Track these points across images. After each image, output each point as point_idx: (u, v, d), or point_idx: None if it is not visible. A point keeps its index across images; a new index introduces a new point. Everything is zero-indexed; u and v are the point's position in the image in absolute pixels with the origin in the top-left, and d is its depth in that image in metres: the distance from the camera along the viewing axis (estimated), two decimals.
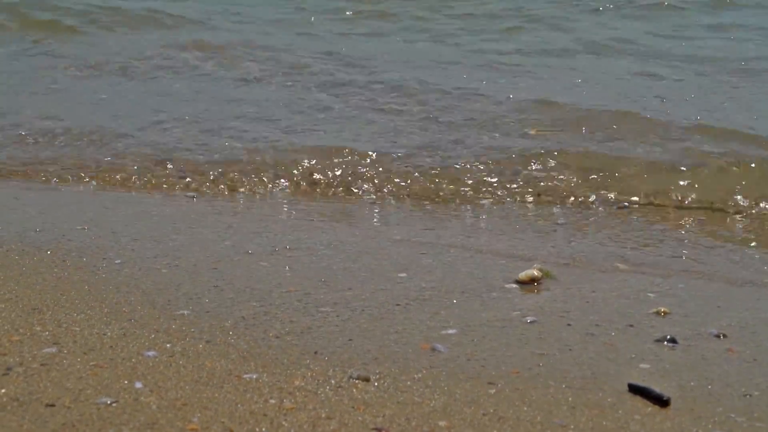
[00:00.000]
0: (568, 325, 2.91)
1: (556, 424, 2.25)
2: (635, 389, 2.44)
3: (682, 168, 4.98)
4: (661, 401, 2.37)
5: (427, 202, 4.68)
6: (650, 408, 2.36)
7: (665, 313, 3.02)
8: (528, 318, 2.94)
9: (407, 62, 7.52)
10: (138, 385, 2.36)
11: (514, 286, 3.25)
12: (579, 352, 2.70)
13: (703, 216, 4.51)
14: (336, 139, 5.41)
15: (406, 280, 3.27)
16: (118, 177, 4.92)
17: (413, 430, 2.20)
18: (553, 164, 5.01)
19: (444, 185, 4.83)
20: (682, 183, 4.82)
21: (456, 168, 4.97)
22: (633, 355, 2.68)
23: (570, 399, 2.39)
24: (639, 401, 2.39)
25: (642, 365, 2.62)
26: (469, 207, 4.63)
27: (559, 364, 2.60)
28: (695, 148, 5.29)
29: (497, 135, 5.55)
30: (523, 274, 3.28)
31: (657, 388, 2.42)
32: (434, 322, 2.88)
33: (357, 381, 2.44)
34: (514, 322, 2.91)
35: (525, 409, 2.32)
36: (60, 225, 3.72)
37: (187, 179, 4.88)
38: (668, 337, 2.79)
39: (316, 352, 2.61)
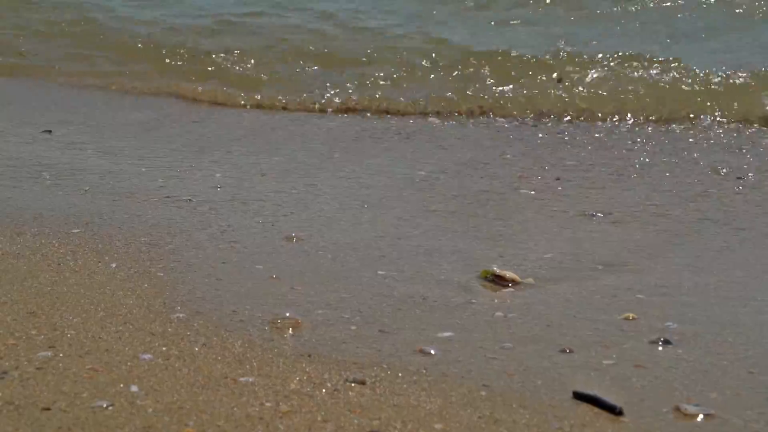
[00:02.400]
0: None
1: (554, 428, 2.25)
2: (582, 397, 2.38)
3: None
4: (614, 411, 2.33)
5: None
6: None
7: None
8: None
9: None
10: (134, 388, 2.37)
11: None
12: None
13: None
14: None
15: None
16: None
17: None
18: None
19: None
20: None
21: None
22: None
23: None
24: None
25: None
26: None
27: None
28: None
29: None
30: None
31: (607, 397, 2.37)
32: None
33: (353, 384, 2.44)
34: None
35: (521, 411, 2.33)
36: (55, 229, 3.71)
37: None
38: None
39: (309, 355, 2.61)
